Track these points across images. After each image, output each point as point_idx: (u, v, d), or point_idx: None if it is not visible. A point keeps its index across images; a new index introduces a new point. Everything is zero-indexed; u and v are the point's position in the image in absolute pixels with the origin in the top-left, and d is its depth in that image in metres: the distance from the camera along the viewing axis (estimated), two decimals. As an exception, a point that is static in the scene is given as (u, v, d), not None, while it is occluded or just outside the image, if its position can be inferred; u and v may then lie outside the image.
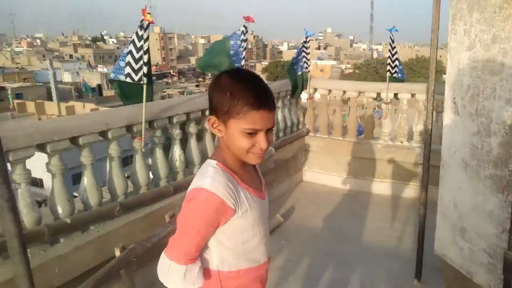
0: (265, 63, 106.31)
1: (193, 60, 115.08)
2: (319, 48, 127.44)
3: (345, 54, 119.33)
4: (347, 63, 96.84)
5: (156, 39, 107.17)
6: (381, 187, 6.78)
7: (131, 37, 3.37)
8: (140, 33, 3.33)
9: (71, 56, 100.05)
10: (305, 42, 6.41)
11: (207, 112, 4.66)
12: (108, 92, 66.11)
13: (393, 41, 6.06)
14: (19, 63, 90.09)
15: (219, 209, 1.44)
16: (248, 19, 4.67)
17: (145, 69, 3.46)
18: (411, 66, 65.26)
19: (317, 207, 6.33)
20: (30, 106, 45.26)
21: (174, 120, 4.16)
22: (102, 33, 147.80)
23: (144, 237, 3.48)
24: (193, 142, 4.56)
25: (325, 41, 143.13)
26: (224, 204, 1.44)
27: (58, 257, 3.01)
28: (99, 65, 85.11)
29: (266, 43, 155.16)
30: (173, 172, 4.34)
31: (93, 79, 70.78)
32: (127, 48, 3.41)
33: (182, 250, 1.53)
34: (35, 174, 3.09)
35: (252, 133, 1.42)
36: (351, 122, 6.85)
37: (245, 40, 4.83)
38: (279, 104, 6.37)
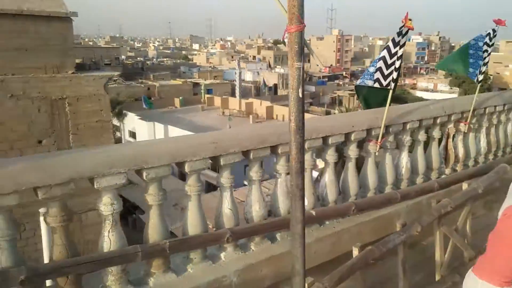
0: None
1: (367, 62, 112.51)
2: None
3: None
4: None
5: (334, 41, 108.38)
6: None
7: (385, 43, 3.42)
8: (397, 39, 3.33)
9: (254, 57, 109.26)
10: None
11: (438, 120, 4.44)
12: (282, 91, 70.08)
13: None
14: (212, 63, 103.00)
15: None
16: (499, 22, 4.23)
17: (395, 74, 3.46)
18: None
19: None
20: (217, 101, 51.34)
21: (408, 127, 4.07)
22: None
23: (372, 239, 3.50)
24: (420, 151, 4.40)
25: None
26: None
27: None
28: (277, 66, 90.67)
29: (453, 44, 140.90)
30: (398, 179, 4.26)
31: (271, 79, 75.79)
32: (380, 53, 3.46)
33: (496, 270, 1.44)
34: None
35: None
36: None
37: (491, 45, 4.40)
38: (510, 115, 5.64)
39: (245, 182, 37.47)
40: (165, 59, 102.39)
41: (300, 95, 2.07)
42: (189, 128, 35.45)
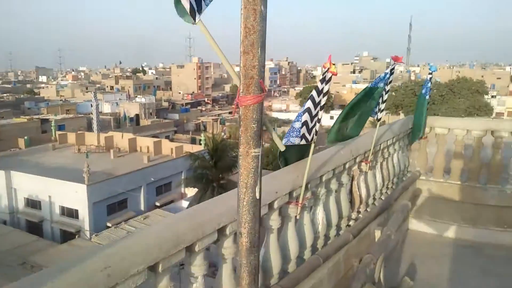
0: (298, 88, 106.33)
1: (227, 88, 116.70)
2: (354, 72, 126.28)
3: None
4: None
5: (194, 69, 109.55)
6: (508, 237, 5.90)
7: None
8: (320, 86, 2.80)
9: (112, 87, 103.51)
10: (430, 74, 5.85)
11: (347, 164, 4.08)
12: (145, 121, 67.50)
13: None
14: (63, 96, 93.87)
15: None
16: (396, 59, 4.10)
17: (317, 126, 2.91)
18: (451, 88, 63.05)
19: (441, 264, 5.52)
20: (71, 137, 46.31)
21: (324, 178, 3.58)
22: (143, 65, 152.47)
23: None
24: (332, 200, 3.96)
25: (360, 65, 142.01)
26: None
27: None
28: (138, 96, 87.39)
29: (299, 68, 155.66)
30: (314, 237, 3.71)
31: (132, 109, 72.53)
32: (305, 105, 2.89)
33: None
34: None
35: None
36: (474, 165, 6.07)
37: (390, 82, 4.27)
38: (396, 146, 5.70)
39: (157, 203, 33.90)
40: (5, 94, 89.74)
41: (257, 195, 1.32)
42: (37, 171, 31.22)
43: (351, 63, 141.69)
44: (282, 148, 1.67)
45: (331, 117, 78.31)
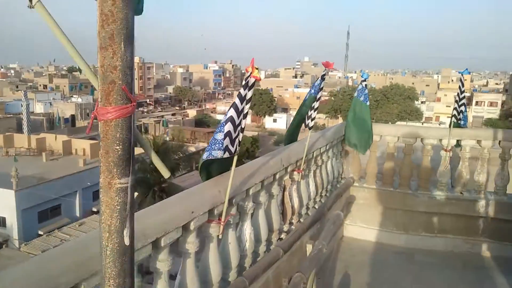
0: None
1: (170, 89, 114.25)
2: (295, 77, 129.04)
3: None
4: (323, 90, 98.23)
5: (135, 69, 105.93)
6: (438, 243, 6.01)
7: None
8: (243, 93, 2.50)
9: (45, 86, 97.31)
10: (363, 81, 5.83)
11: (277, 175, 3.84)
12: (81, 122, 64.07)
13: (463, 85, 5.45)
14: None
15: None
16: (327, 65, 3.93)
17: (241, 136, 2.62)
18: (385, 93, 66.55)
19: (373, 271, 5.48)
20: (-1, 139, 42.69)
21: (251, 192, 3.30)
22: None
23: None
24: (261, 214, 3.69)
25: (302, 70, 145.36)
26: None
27: None
28: (74, 96, 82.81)
29: (243, 71, 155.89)
30: (241, 255, 3.42)
31: (67, 110, 68.62)
32: (227, 114, 2.58)
33: None
34: None
35: None
36: (405, 171, 6.12)
37: (321, 89, 4.09)
38: (329, 153, 5.58)
39: (94, 209, 31.49)
40: None
41: (126, 241, 0.98)
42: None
43: (293, 68, 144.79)
44: (167, 175, 1.37)
45: (274, 120, 79.71)
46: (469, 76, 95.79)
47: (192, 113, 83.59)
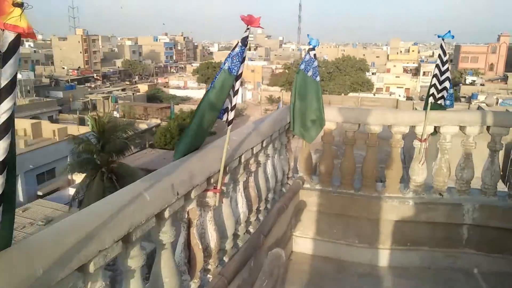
0: (195, 64, 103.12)
1: (118, 63, 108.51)
2: (249, 49, 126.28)
3: (275, 55, 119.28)
4: (277, 63, 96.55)
5: (79, 42, 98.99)
6: (413, 258, 4.69)
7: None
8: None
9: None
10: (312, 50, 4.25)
11: (167, 211, 2.19)
12: (21, 100, 58.83)
13: (444, 53, 3.98)
14: None
15: None
16: (250, 21, 2.30)
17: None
18: (337, 65, 66.45)
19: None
20: None
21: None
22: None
23: None
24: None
25: (255, 42, 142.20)
26: None
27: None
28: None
29: (196, 44, 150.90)
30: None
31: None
32: None
33: None
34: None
35: None
36: (369, 169, 4.66)
37: (244, 60, 2.45)
38: (268, 151, 3.98)
39: (39, 193, 28.49)
40: None
41: None
42: None
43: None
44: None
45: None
46: (416, 47, 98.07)
47: (143, 88, 79.87)
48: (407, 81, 77.16)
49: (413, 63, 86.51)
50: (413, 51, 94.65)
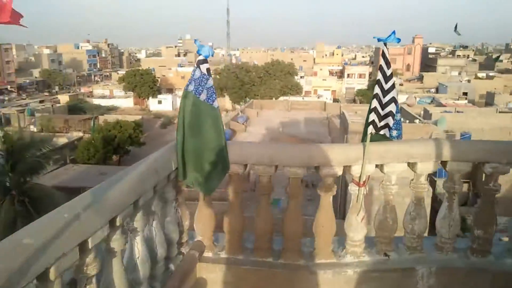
0: (122, 72, 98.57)
1: (36, 73, 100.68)
2: (178, 55, 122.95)
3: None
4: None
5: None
6: None
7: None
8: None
9: None
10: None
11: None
12: None
13: (388, 64, 2.79)
14: None
15: None
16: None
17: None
18: (267, 70, 66.76)
19: None
20: None
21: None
22: None
23: None
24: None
25: (184, 48, 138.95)
26: None
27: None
28: None
29: (122, 51, 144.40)
30: None
31: None
32: None
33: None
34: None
35: None
36: (291, 228, 3.34)
37: None
38: (149, 211, 2.51)
39: None
40: None
41: None
42: None
43: (175, 46, 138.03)
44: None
45: (159, 102, 74.01)
46: (340, 51, 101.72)
47: (64, 98, 74.59)
48: (333, 84, 79.58)
49: (338, 66, 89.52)
50: (337, 54, 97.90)
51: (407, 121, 22.56)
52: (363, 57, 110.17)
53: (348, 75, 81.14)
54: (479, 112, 35.99)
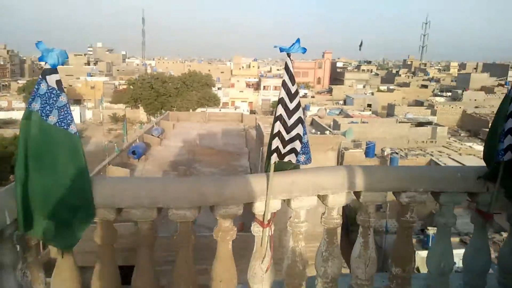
0: (22, 81, 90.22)
1: None
2: (88, 64, 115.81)
3: (118, 70, 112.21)
4: (120, 78, 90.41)
5: None
6: None
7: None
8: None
9: None
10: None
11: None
12: None
13: (292, 79, 2.26)
14: None
15: None
16: None
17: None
18: (184, 81, 65.53)
19: None
20: None
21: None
22: None
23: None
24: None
25: (95, 56, 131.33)
26: None
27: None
28: None
29: (24, 58, 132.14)
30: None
31: None
32: None
33: None
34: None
35: None
36: (183, 283, 2.64)
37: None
38: None
39: None
40: None
41: None
42: None
43: (85, 54, 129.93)
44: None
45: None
46: (256, 63, 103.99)
47: (-49, 111, 65.78)
48: (250, 95, 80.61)
49: (254, 78, 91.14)
50: (253, 66, 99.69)
51: (319, 132, 23.10)
52: (278, 70, 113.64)
53: (264, 87, 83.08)
54: (381, 122, 38.63)
